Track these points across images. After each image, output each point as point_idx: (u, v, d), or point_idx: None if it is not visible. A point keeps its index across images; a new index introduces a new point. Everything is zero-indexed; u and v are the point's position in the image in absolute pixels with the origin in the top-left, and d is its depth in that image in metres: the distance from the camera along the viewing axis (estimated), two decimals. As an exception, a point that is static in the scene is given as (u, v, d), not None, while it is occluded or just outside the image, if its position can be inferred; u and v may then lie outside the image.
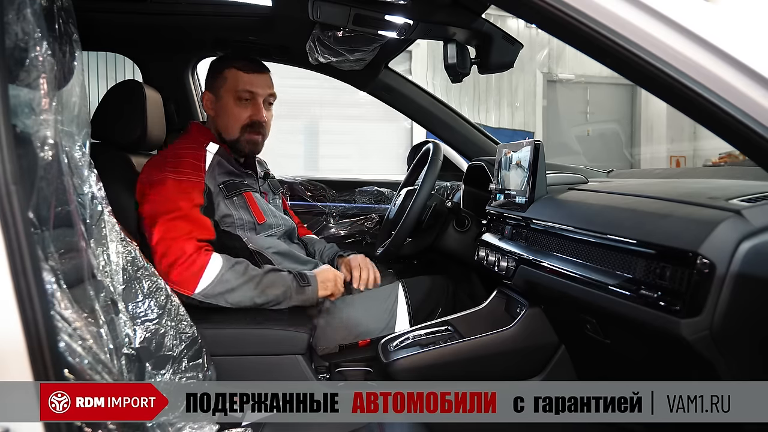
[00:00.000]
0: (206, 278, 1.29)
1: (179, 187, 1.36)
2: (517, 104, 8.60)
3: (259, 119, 1.51)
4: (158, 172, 1.39)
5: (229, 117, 1.51)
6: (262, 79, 1.53)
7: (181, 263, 1.28)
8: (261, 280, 1.33)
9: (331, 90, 6.44)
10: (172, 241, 1.30)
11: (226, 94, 1.50)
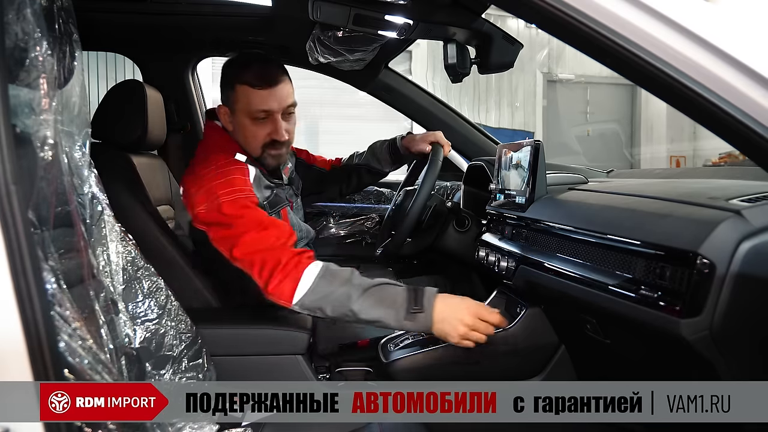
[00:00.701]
0: (302, 287, 1.18)
1: (242, 204, 1.27)
2: (517, 104, 8.60)
3: (278, 138, 1.39)
4: (212, 197, 1.27)
5: (247, 136, 1.40)
6: (277, 93, 1.37)
7: (278, 273, 1.19)
8: (362, 294, 1.15)
9: (331, 90, 6.44)
10: (265, 252, 1.21)
11: (240, 113, 1.39)
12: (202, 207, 1.29)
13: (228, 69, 1.44)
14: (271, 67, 1.40)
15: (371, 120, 6.69)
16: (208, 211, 1.28)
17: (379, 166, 1.78)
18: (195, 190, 1.32)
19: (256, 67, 1.37)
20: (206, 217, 1.28)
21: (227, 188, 1.28)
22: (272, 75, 1.37)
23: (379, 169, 1.79)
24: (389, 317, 1.14)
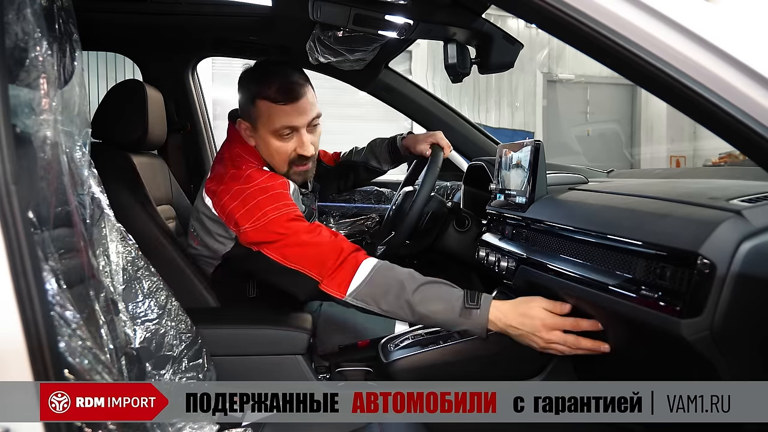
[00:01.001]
0: (358, 278, 1.17)
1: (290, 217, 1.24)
2: (517, 104, 8.61)
3: (305, 153, 1.34)
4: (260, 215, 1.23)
5: (271, 152, 1.34)
6: (301, 107, 1.31)
7: (336, 264, 1.19)
8: (418, 288, 1.14)
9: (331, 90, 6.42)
10: (321, 248, 1.20)
11: (263, 130, 1.33)
12: (248, 225, 1.24)
13: (246, 82, 1.36)
14: (294, 79, 1.32)
15: (371, 120, 6.69)
16: (256, 229, 1.23)
17: (378, 164, 1.78)
18: (237, 206, 1.26)
19: (278, 81, 1.30)
20: (255, 236, 1.24)
21: (273, 203, 1.24)
22: (296, 88, 1.31)
23: (377, 168, 1.79)
24: (446, 312, 1.12)
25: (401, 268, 1.19)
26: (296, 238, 1.21)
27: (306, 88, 1.33)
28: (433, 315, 1.13)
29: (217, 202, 1.31)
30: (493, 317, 1.10)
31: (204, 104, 2.24)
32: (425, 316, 1.14)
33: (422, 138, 1.67)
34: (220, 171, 1.36)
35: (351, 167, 1.81)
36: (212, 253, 1.37)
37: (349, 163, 1.80)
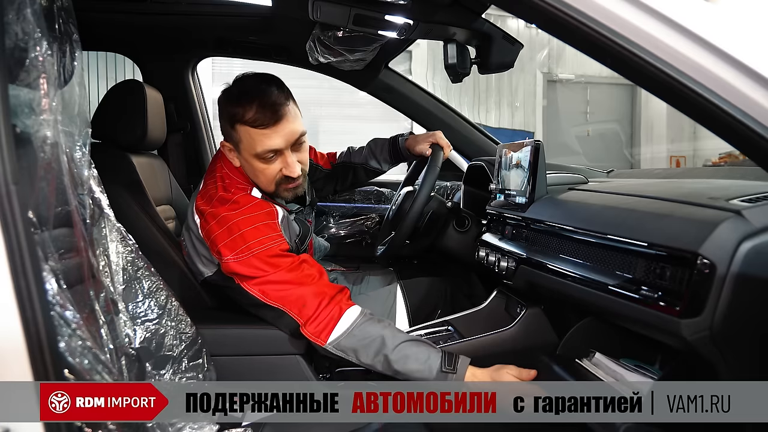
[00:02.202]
0: (339, 329, 1.18)
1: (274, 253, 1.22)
2: (517, 104, 8.61)
3: (291, 174, 1.27)
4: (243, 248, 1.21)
5: (257, 174, 1.29)
6: (282, 129, 1.23)
7: (317, 313, 1.18)
8: (397, 346, 1.15)
9: (331, 90, 6.45)
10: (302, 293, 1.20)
11: (246, 153, 1.26)
12: (231, 257, 1.22)
13: (224, 105, 1.27)
14: (272, 100, 1.23)
15: (371, 120, 6.70)
16: (238, 262, 1.21)
17: (378, 165, 1.78)
18: (222, 234, 1.23)
19: (255, 103, 1.22)
20: (237, 268, 1.22)
21: (258, 236, 1.22)
22: (275, 110, 1.22)
23: (377, 168, 1.79)
24: (422, 372, 1.13)
25: (383, 324, 1.19)
26: (278, 276, 1.20)
27: (286, 108, 1.24)
28: (410, 374, 1.14)
29: (203, 224, 1.29)
30: (468, 381, 1.11)
31: (204, 104, 2.24)
32: (402, 374, 1.15)
33: (422, 138, 1.67)
34: (210, 190, 1.32)
35: (350, 168, 1.80)
36: (197, 270, 1.36)
37: (347, 165, 1.80)
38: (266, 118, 1.21)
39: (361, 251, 2.12)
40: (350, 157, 1.80)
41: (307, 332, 1.19)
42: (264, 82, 1.26)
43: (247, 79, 1.29)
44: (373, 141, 1.79)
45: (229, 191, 1.29)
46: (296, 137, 1.26)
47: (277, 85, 1.27)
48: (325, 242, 1.73)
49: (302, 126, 1.28)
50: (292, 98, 1.29)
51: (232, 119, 1.25)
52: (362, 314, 1.20)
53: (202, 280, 1.36)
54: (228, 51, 2.06)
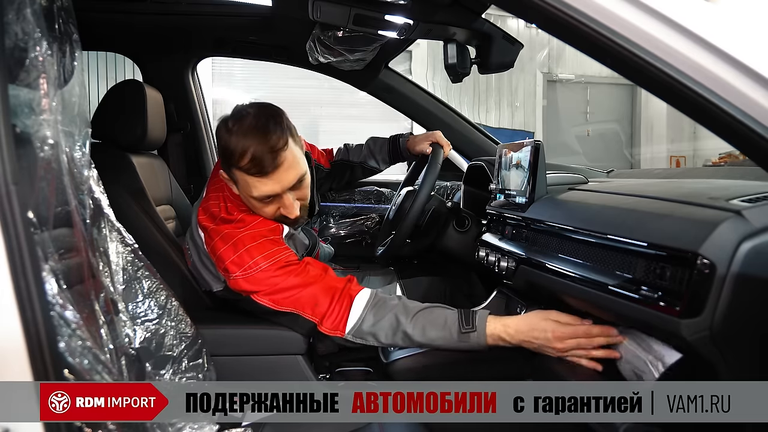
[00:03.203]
0: (353, 316, 1.17)
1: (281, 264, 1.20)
2: (517, 104, 8.61)
3: (288, 215, 1.25)
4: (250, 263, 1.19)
5: (256, 210, 1.26)
6: (278, 177, 1.18)
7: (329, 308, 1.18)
8: (412, 318, 1.14)
9: (331, 90, 6.45)
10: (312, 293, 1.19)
11: (243, 193, 1.24)
12: (239, 273, 1.20)
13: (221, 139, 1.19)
14: (269, 145, 1.15)
15: (371, 120, 6.70)
16: (246, 279, 1.20)
17: (376, 164, 1.78)
18: (227, 251, 1.22)
19: (251, 150, 1.14)
20: (244, 285, 1.21)
21: (264, 251, 1.20)
22: (272, 158, 1.15)
23: (375, 167, 1.79)
24: (444, 339, 1.13)
25: (392, 299, 1.19)
26: (287, 283, 1.19)
27: (283, 153, 1.17)
28: (432, 342, 1.14)
29: (208, 240, 1.27)
30: (497, 335, 1.11)
31: (204, 104, 2.24)
32: (425, 345, 1.16)
33: (422, 138, 1.67)
34: (212, 208, 1.30)
35: (348, 167, 1.80)
36: (204, 282, 1.35)
37: (345, 163, 1.80)
38: (262, 166, 1.15)
39: (361, 251, 2.12)
40: (348, 155, 1.80)
41: (325, 329, 1.18)
42: (262, 121, 1.17)
43: (245, 115, 1.19)
44: (372, 139, 1.79)
45: (232, 213, 1.27)
46: (294, 182, 1.21)
47: (275, 123, 1.18)
48: (330, 247, 1.73)
49: (302, 167, 1.23)
50: (292, 135, 1.21)
51: (228, 161, 1.19)
52: (372, 296, 1.19)
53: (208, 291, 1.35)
54: (228, 51, 2.07)
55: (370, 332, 1.17)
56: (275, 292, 1.20)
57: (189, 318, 1.15)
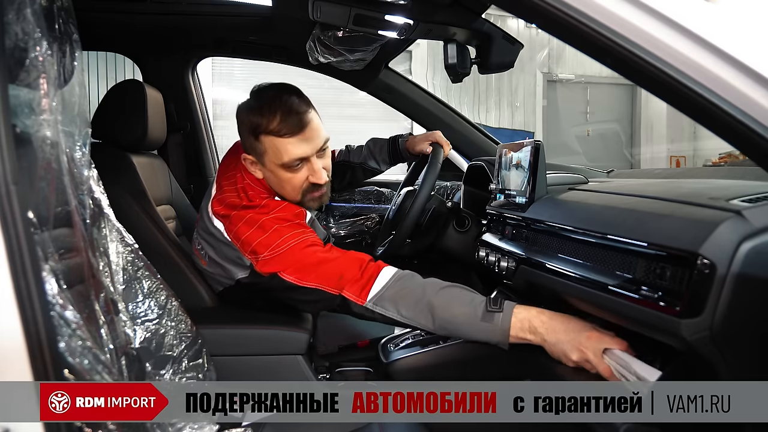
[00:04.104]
0: (379, 283, 1.15)
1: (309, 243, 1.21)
2: (517, 104, 8.61)
3: (318, 182, 1.28)
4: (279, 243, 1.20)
5: (282, 184, 1.29)
6: (308, 136, 1.24)
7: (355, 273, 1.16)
8: (439, 291, 1.12)
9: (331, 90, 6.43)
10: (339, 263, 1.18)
11: (271, 164, 1.26)
12: (267, 253, 1.20)
13: (245, 116, 1.27)
14: (295, 108, 1.24)
15: (371, 120, 6.70)
16: (276, 257, 1.19)
17: (376, 165, 1.79)
18: (254, 233, 1.22)
19: (280, 112, 1.22)
20: (275, 264, 1.20)
21: (292, 230, 1.21)
22: (300, 118, 1.23)
23: (375, 168, 1.80)
24: (467, 316, 1.07)
25: (420, 277, 1.16)
26: (314, 258, 1.19)
27: (310, 114, 1.26)
28: (454, 319, 1.08)
29: (230, 227, 1.26)
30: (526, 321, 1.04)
31: (204, 104, 2.24)
32: (447, 321, 1.09)
33: (421, 138, 1.67)
34: (230, 198, 1.31)
35: (349, 168, 1.81)
36: (226, 274, 1.32)
37: (346, 164, 1.80)
38: (291, 126, 1.22)
39: (361, 251, 2.12)
40: (349, 156, 1.80)
41: (348, 293, 1.15)
42: (285, 92, 1.27)
43: (266, 89, 1.29)
44: (372, 141, 1.80)
45: (253, 201, 1.28)
46: (322, 143, 1.27)
47: (297, 94, 1.28)
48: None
49: (325, 132, 1.29)
50: (312, 108, 1.29)
51: (255, 130, 1.24)
52: (401, 271, 1.17)
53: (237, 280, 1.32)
54: (228, 51, 2.07)
55: (392, 300, 1.12)
56: (302, 268, 1.18)
57: (189, 318, 1.15)
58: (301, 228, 1.24)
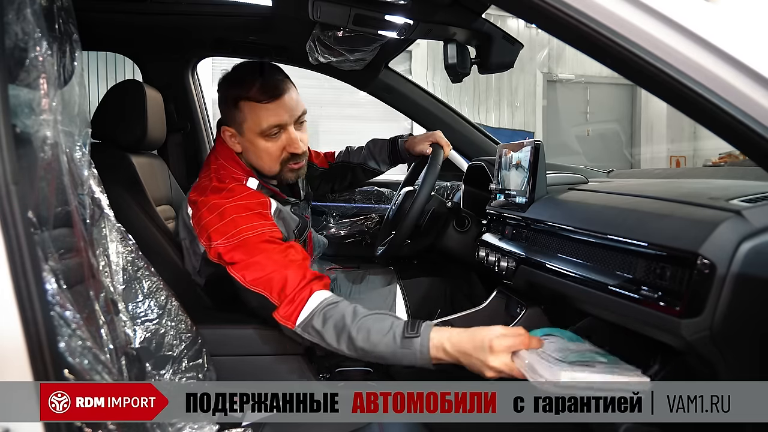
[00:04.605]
0: (306, 310, 1.11)
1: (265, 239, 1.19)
2: (517, 104, 8.61)
3: (296, 151, 1.31)
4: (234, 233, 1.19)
5: (260, 155, 1.31)
6: (286, 103, 1.28)
7: (288, 295, 1.13)
8: (359, 320, 1.07)
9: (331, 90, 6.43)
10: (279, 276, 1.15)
11: (250, 133, 1.29)
12: (221, 241, 1.19)
13: (226, 86, 1.31)
14: (274, 76, 1.30)
15: (371, 120, 6.70)
16: (227, 247, 1.19)
17: (376, 166, 1.79)
18: (213, 219, 1.22)
19: (259, 80, 1.27)
20: (225, 254, 1.19)
21: (250, 222, 1.20)
22: (278, 84, 1.28)
23: (375, 169, 1.80)
24: (387, 345, 1.04)
25: (347, 304, 1.11)
26: (264, 259, 1.16)
27: (288, 84, 1.31)
28: (375, 348, 1.05)
29: (195, 213, 1.27)
30: (440, 344, 1.01)
31: (204, 104, 2.24)
32: (370, 352, 1.06)
33: (421, 138, 1.67)
34: (203, 182, 1.32)
35: (349, 169, 1.81)
36: (193, 264, 1.34)
37: (346, 164, 1.80)
38: (270, 92, 1.26)
39: (361, 251, 2.12)
40: (349, 157, 1.80)
41: (280, 315, 1.12)
42: (263, 64, 1.34)
43: (246, 63, 1.38)
44: (372, 141, 1.80)
45: (224, 181, 1.29)
46: (299, 113, 1.31)
47: (277, 68, 1.35)
48: (323, 238, 1.73)
49: (304, 105, 1.34)
50: (292, 82, 1.34)
51: (235, 98, 1.28)
52: (330, 297, 1.12)
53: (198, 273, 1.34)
54: (228, 51, 2.06)
55: (317, 331, 1.09)
56: (250, 266, 1.16)
57: (189, 318, 1.15)
58: (260, 219, 1.22)
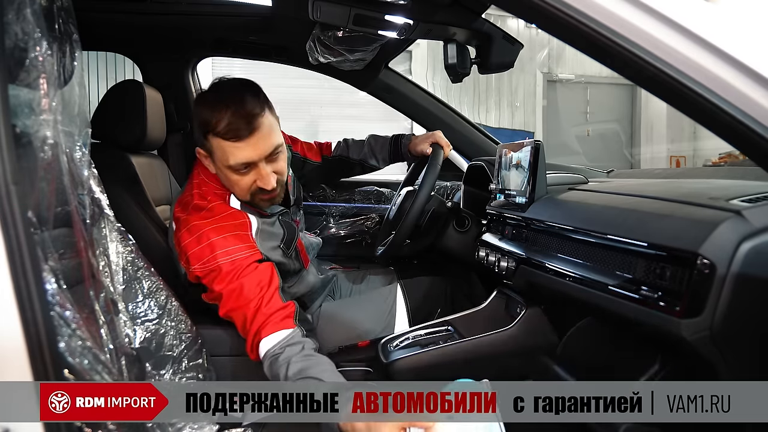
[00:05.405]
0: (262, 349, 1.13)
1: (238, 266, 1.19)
2: (517, 104, 8.61)
3: (265, 187, 1.23)
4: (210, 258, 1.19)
5: (231, 184, 1.26)
6: (254, 142, 1.18)
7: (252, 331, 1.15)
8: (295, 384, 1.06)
9: (331, 90, 6.45)
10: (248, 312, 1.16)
11: (219, 163, 1.23)
12: (198, 266, 1.21)
13: (199, 110, 1.22)
14: (246, 110, 1.17)
15: (371, 120, 6.69)
16: (203, 272, 1.21)
17: (376, 164, 1.79)
18: (191, 242, 1.22)
19: (227, 116, 1.16)
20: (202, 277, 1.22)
21: (226, 246, 1.20)
22: (248, 121, 1.17)
23: (375, 166, 1.80)
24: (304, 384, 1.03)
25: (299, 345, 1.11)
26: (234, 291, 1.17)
27: (259, 120, 1.18)
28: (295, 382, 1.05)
29: (176, 231, 1.28)
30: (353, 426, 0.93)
31: (204, 104, 2.23)
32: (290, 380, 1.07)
33: (422, 138, 1.67)
34: (186, 197, 1.31)
35: (346, 164, 1.80)
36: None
37: (344, 159, 1.80)
38: (239, 130, 1.16)
39: (361, 251, 2.12)
40: (348, 152, 1.79)
41: (248, 350, 1.16)
42: (239, 90, 1.20)
43: (222, 85, 1.24)
44: (372, 137, 1.79)
45: (206, 198, 1.28)
46: (270, 150, 1.21)
47: (252, 93, 1.21)
48: (316, 238, 1.71)
49: (278, 138, 1.24)
50: (269, 107, 1.23)
51: (204, 128, 1.20)
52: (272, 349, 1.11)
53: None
54: (228, 51, 2.06)
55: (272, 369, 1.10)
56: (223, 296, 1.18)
57: (189, 318, 1.15)
58: (238, 243, 1.21)
